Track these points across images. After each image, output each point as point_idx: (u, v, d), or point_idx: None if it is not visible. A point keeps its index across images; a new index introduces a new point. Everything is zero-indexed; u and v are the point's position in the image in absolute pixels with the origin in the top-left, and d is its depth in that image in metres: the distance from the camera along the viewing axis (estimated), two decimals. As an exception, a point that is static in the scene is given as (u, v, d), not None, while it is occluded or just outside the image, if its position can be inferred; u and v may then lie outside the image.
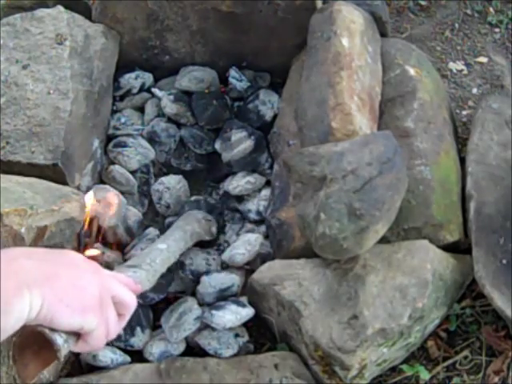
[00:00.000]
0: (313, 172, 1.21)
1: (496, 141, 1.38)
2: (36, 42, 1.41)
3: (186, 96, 1.60)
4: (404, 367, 1.24)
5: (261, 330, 1.35)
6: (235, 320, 1.26)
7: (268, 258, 1.37)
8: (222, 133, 1.56)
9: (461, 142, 1.49)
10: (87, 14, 1.54)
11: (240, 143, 1.52)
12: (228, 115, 1.59)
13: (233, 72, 1.63)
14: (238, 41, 1.60)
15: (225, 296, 1.32)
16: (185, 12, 1.55)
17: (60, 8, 1.47)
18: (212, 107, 1.58)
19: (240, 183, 1.50)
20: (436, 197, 1.29)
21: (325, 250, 1.19)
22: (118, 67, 1.59)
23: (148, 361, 1.26)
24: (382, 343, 1.13)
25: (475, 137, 1.39)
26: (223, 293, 1.32)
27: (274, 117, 1.57)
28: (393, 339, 1.14)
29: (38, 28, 1.43)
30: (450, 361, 1.27)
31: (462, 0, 1.90)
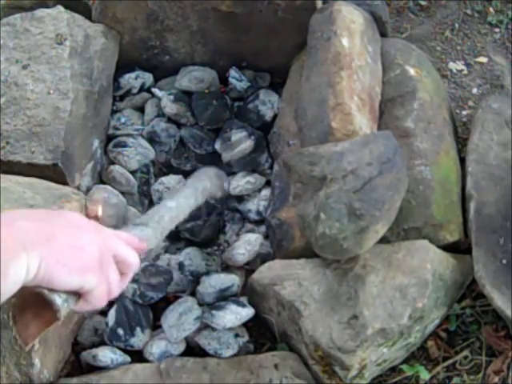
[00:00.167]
0: (313, 172, 1.21)
1: (496, 141, 1.38)
2: (36, 42, 1.41)
3: (186, 96, 1.60)
4: (404, 367, 1.24)
5: (261, 330, 1.35)
6: (235, 320, 1.26)
7: (268, 258, 1.37)
8: (222, 133, 1.55)
9: (461, 142, 1.49)
10: (87, 14, 1.54)
11: (240, 143, 1.52)
12: (228, 115, 1.59)
13: (233, 72, 1.63)
14: (238, 41, 1.60)
15: (225, 296, 1.32)
16: (185, 12, 1.55)
17: (60, 8, 1.47)
18: (212, 107, 1.58)
19: (240, 183, 1.50)
20: (436, 197, 1.29)
21: (325, 250, 1.19)
22: (118, 67, 1.59)
23: (148, 361, 1.26)
24: (382, 343, 1.13)
25: (475, 137, 1.39)
26: (223, 293, 1.32)
27: (274, 117, 1.57)
28: (393, 339, 1.14)
29: (38, 28, 1.43)
30: (450, 361, 1.27)
31: (462, 0, 1.90)
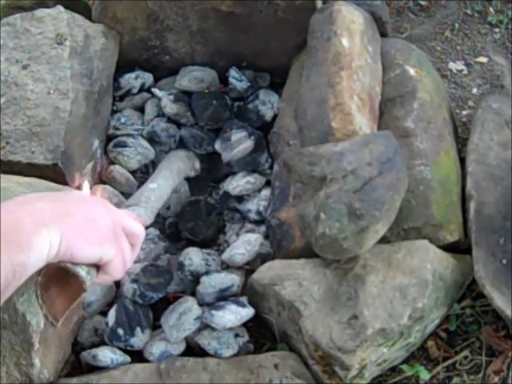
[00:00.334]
0: (313, 172, 1.21)
1: (496, 141, 1.38)
2: (36, 42, 1.41)
3: (186, 96, 1.60)
4: (404, 367, 1.24)
5: (261, 330, 1.35)
6: (235, 320, 1.26)
7: (268, 258, 1.37)
8: (222, 133, 1.55)
9: (461, 142, 1.49)
10: (87, 14, 1.54)
11: (240, 143, 1.52)
12: (228, 115, 1.59)
13: (233, 72, 1.63)
14: (238, 41, 1.60)
15: (225, 296, 1.32)
16: (185, 12, 1.55)
17: (60, 8, 1.47)
18: (212, 107, 1.58)
19: (240, 183, 1.50)
20: (436, 197, 1.29)
21: (325, 250, 1.19)
22: (118, 67, 1.59)
23: (148, 361, 1.26)
24: (382, 343, 1.13)
25: (475, 137, 1.39)
26: (223, 293, 1.32)
27: (274, 117, 1.57)
28: (393, 339, 1.14)
29: (38, 28, 1.43)
30: (450, 361, 1.27)
31: (462, 0, 1.90)
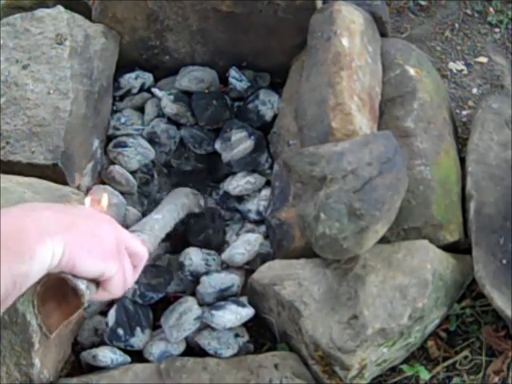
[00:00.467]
0: (313, 172, 1.21)
1: (496, 141, 1.38)
2: (36, 42, 1.41)
3: (186, 96, 1.60)
4: (404, 367, 1.24)
5: (261, 330, 1.35)
6: (235, 320, 1.26)
7: (268, 258, 1.37)
8: (222, 133, 1.55)
9: (461, 142, 1.49)
10: (87, 14, 1.53)
11: (240, 143, 1.52)
12: (228, 115, 1.59)
13: (233, 72, 1.63)
14: (238, 41, 1.60)
15: (225, 296, 1.32)
16: (185, 12, 1.55)
17: (60, 8, 1.47)
18: (212, 107, 1.58)
19: (240, 183, 1.50)
20: (436, 197, 1.29)
21: (325, 250, 1.19)
22: (118, 67, 1.59)
23: (148, 361, 1.26)
24: (382, 343, 1.13)
25: (475, 137, 1.39)
26: (223, 293, 1.32)
27: (274, 117, 1.57)
28: (393, 339, 1.14)
29: (38, 28, 1.43)
30: (450, 361, 1.27)
31: (462, 0, 1.90)
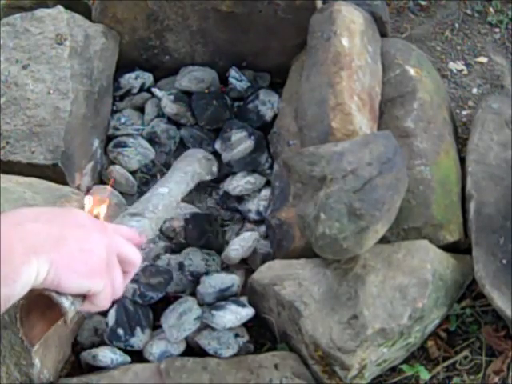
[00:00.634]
0: (313, 172, 1.21)
1: (496, 141, 1.38)
2: (36, 42, 1.41)
3: (186, 96, 1.60)
4: (404, 367, 1.24)
5: (261, 330, 1.35)
6: (235, 320, 1.26)
7: (268, 258, 1.37)
8: (222, 133, 1.55)
9: (461, 142, 1.49)
10: (87, 14, 1.54)
11: (240, 143, 1.52)
12: (228, 115, 1.59)
13: (233, 72, 1.63)
14: (238, 41, 1.60)
15: (225, 296, 1.32)
16: (185, 12, 1.55)
17: (60, 8, 1.47)
18: (212, 107, 1.58)
19: (240, 183, 1.50)
20: (436, 197, 1.29)
21: (325, 250, 1.19)
22: (118, 67, 1.59)
23: (148, 361, 1.26)
24: (382, 343, 1.13)
25: (475, 137, 1.39)
26: (223, 293, 1.32)
27: (274, 117, 1.57)
28: (393, 339, 1.14)
29: (38, 28, 1.43)
30: (450, 361, 1.27)
31: (462, 0, 1.90)
